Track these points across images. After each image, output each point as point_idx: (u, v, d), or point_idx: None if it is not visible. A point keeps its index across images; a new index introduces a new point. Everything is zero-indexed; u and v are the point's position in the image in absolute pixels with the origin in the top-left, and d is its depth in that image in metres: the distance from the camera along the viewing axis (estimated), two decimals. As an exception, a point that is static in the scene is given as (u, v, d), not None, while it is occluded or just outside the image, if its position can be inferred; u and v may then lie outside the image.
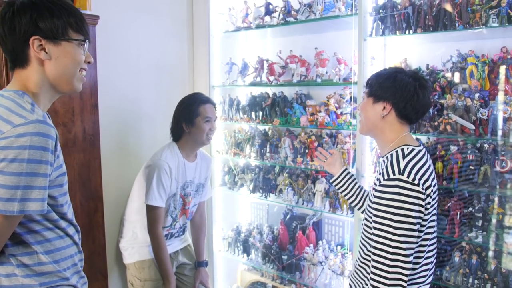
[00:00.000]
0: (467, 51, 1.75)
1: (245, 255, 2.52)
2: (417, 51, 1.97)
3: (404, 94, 1.40)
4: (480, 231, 1.66)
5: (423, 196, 1.30)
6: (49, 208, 1.05)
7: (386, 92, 1.43)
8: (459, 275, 1.70)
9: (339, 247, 2.25)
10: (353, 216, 2.00)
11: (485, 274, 1.65)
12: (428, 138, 1.85)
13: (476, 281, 1.66)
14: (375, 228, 1.33)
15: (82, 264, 1.20)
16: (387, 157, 1.42)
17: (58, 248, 1.09)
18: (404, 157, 1.35)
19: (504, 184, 1.61)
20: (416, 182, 1.29)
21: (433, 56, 1.89)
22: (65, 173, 1.11)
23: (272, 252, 2.36)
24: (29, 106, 1.00)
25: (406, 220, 1.28)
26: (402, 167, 1.32)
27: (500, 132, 1.60)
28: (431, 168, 1.40)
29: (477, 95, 1.65)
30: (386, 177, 1.34)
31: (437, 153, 1.76)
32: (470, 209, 1.69)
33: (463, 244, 1.74)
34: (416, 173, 1.31)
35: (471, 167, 1.66)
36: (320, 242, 2.29)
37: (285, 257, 2.31)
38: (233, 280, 2.73)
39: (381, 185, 1.35)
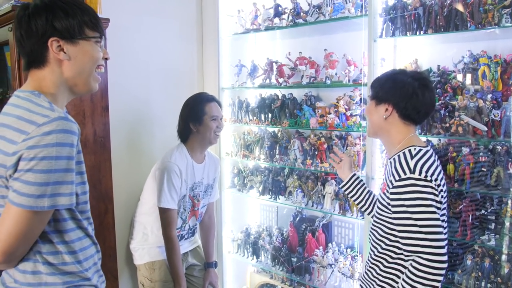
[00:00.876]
0: (479, 51, 1.73)
1: (254, 257, 2.52)
2: (428, 52, 1.96)
3: (403, 94, 1.41)
4: (493, 234, 1.63)
5: (436, 192, 1.32)
6: (74, 208, 1.06)
7: (387, 93, 1.44)
8: (471, 279, 1.68)
9: (349, 250, 2.24)
10: (363, 218, 1.99)
11: (498, 278, 1.62)
12: (439, 140, 1.82)
13: (489, 285, 1.64)
14: (401, 231, 1.34)
15: (100, 262, 1.22)
16: (394, 159, 1.42)
17: (80, 249, 1.11)
18: (412, 157, 1.37)
19: (517, 187, 1.58)
20: (428, 178, 1.31)
21: (444, 57, 1.87)
22: (85, 171, 1.12)
23: (282, 254, 2.36)
24: (47, 104, 1.01)
25: (428, 217, 1.29)
26: (412, 166, 1.34)
27: (513, 134, 1.58)
28: (440, 168, 1.41)
29: (489, 96, 1.63)
30: (397, 178, 1.34)
31: (449, 155, 1.73)
32: (483, 211, 1.67)
33: (476, 247, 1.72)
34: (426, 171, 1.33)
35: (483, 169, 1.64)
36: (329, 244, 2.28)
37: (294, 259, 2.30)
38: (243, 282, 2.73)
39: (394, 187, 1.35)
